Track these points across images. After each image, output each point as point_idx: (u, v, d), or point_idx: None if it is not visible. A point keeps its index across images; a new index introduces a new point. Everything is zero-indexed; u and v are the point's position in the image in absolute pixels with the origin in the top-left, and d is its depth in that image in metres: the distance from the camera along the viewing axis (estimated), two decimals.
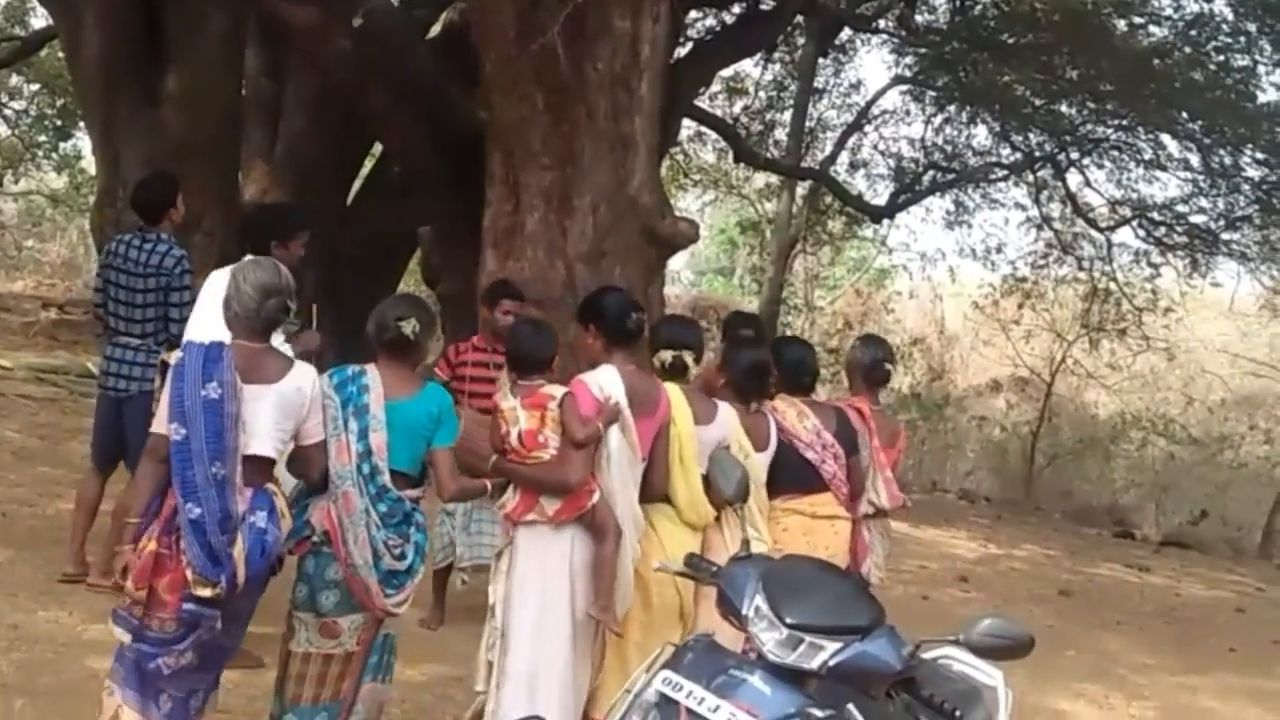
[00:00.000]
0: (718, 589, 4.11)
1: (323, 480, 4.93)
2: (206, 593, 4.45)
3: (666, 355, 5.82)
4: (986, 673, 4.20)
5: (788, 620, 3.75)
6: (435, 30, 15.74)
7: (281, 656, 5.05)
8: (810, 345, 7.31)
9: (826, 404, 6.62)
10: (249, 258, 5.20)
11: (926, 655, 3.88)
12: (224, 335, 4.99)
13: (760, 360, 6.20)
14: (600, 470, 5.42)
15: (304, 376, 4.80)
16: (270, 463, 4.74)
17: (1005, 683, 4.23)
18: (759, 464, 5.94)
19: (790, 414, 6.28)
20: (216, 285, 6.26)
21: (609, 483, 5.42)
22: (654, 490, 5.61)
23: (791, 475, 6.15)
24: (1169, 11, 15.74)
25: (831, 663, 3.67)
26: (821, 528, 6.22)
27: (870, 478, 6.62)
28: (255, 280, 4.78)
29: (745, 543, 4.38)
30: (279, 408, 4.71)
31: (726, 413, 5.85)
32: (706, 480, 5.55)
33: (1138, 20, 15.33)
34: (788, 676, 3.69)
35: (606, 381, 5.48)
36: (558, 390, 5.44)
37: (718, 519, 5.77)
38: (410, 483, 5.06)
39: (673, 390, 5.70)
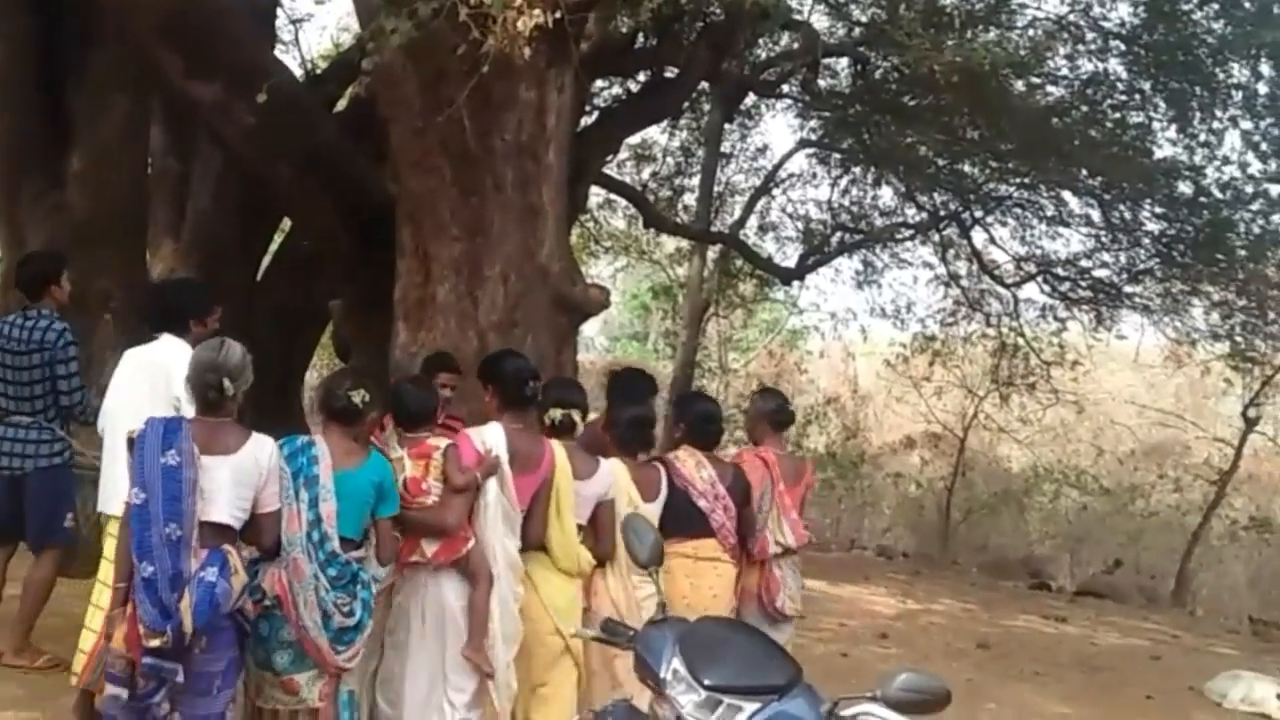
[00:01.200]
0: (635, 653, 4.12)
1: (274, 547, 5.23)
2: (155, 643, 4.74)
3: (556, 413, 6.30)
4: None
5: (705, 682, 3.77)
6: (341, 104, 15.73)
7: (250, 714, 5.42)
8: (716, 401, 7.79)
9: (723, 460, 7.10)
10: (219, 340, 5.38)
11: (845, 713, 3.90)
12: (145, 411, 5.47)
13: (641, 414, 6.79)
14: (477, 518, 5.86)
15: (261, 449, 5.12)
16: (229, 529, 5.03)
17: None
18: (649, 513, 6.34)
19: (690, 463, 6.82)
20: (133, 363, 6.33)
21: (484, 531, 5.86)
22: (530, 540, 6.06)
23: (681, 521, 6.63)
24: (1065, 72, 16.01)
25: None
26: (704, 569, 6.70)
27: (775, 520, 7.08)
28: (199, 359, 5.18)
29: (662, 605, 4.40)
30: (236, 477, 5.02)
31: (609, 468, 6.34)
32: (584, 531, 6.17)
33: (1035, 81, 15.56)
34: None
35: (491, 437, 5.98)
36: (442, 442, 5.87)
37: (599, 567, 6.28)
38: (353, 546, 5.44)
39: (556, 447, 6.17)
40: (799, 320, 27.49)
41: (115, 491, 6.34)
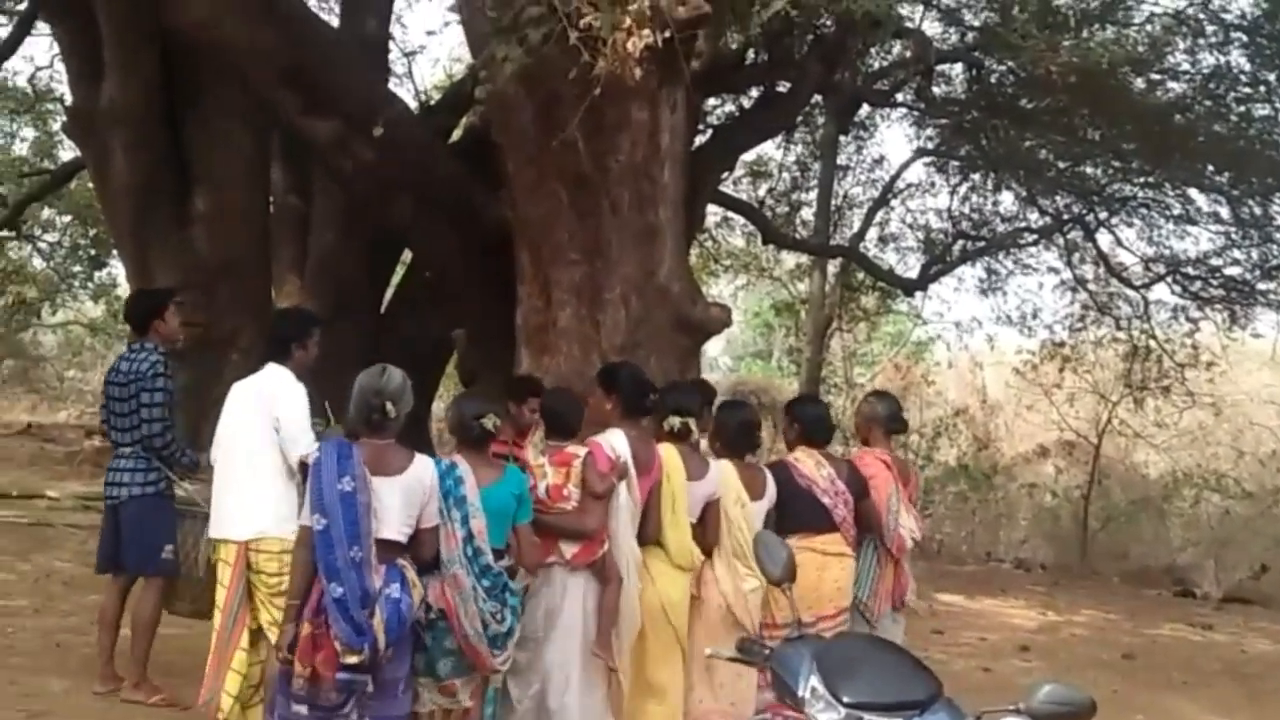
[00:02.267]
0: (771, 672, 4.06)
1: (433, 561, 5.62)
2: (353, 660, 5.11)
3: (675, 421, 6.73)
4: None
5: (845, 700, 3.70)
6: (456, 134, 15.87)
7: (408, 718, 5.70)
8: (825, 403, 7.92)
9: (838, 457, 7.51)
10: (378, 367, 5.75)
11: None
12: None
13: (748, 418, 7.25)
14: (611, 520, 6.28)
15: (424, 469, 5.53)
16: (399, 545, 5.44)
17: None
18: (755, 512, 6.86)
19: (809, 463, 7.19)
20: (240, 393, 6.50)
21: (617, 532, 6.30)
22: (646, 536, 6.51)
23: (806, 517, 7.02)
24: (1185, 66, 15.68)
25: None
26: (830, 563, 7.06)
27: (907, 518, 7.46)
28: (361, 385, 5.55)
29: (798, 622, 4.35)
30: (404, 497, 5.42)
31: (717, 470, 6.77)
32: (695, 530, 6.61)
33: (1155, 77, 15.27)
34: None
35: (617, 444, 6.38)
36: (580, 450, 6.30)
37: (706, 559, 6.72)
38: (499, 554, 5.84)
39: (670, 451, 6.65)
40: (924, 331, 27.27)
41: (219, 519, 6.47)
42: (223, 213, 13.20)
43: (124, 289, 21.49)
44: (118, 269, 23.59)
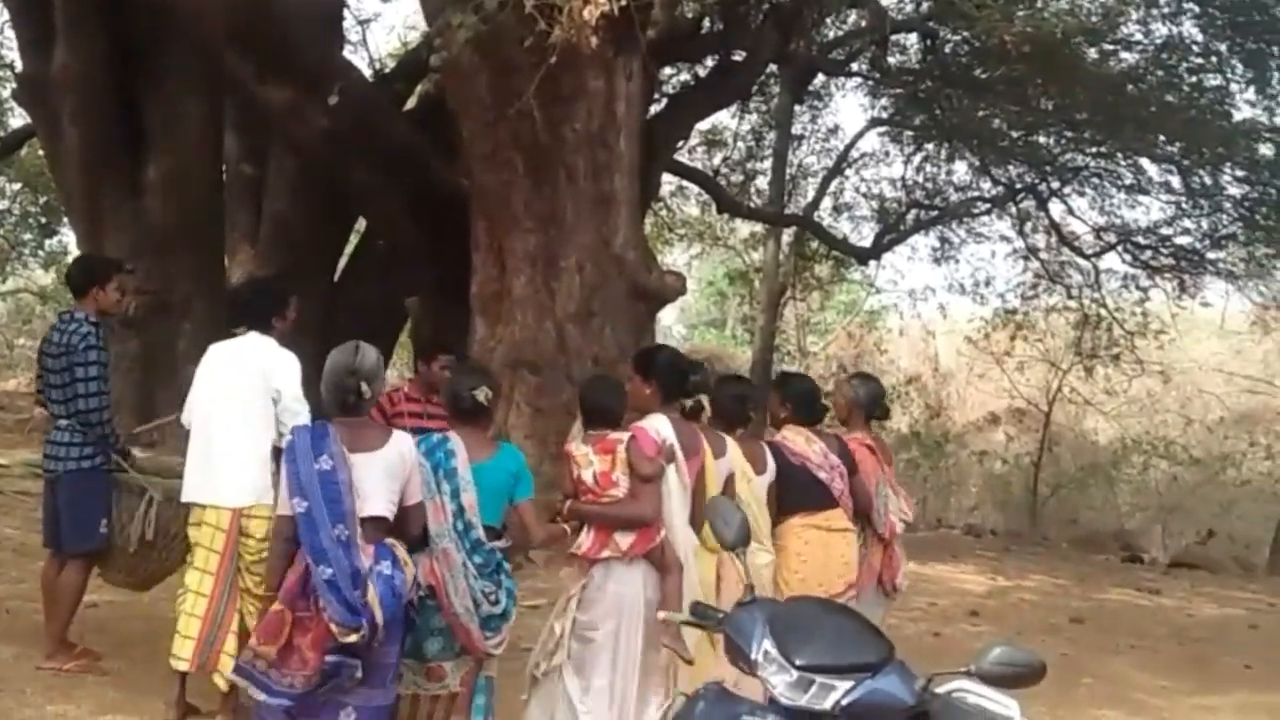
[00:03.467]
0: (725, 635, 4.09)
1: (422, 538, 5.40)
2: (353, 638, 4.89)
3: (688, 401, 6.47)
4: (1002, 704, 4.13)
5: (797, 662, 3.73)
6: (411, 102, 15.81)
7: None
8: (813, 379, 7.93)
9: (825, 432, 7.17)
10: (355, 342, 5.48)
11: (939, 689, 3.85)
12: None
13: (742, 392, 6.96)
14: (663, 506, 5.95)
15: (403, 443, 5.29)
16: (385, 521, 5.20)
17: (1021, 713, 4.18)
18: (760, 485, 6.63)
19: (799, 440, 6.92)
20: (219, 358, 6.46)
21: (671, 519, 5.98)
22: (694, 521, 6.14)
23: (806, 494, 6.77)
24: (1139, 37, 15.80)
25: (844, 702, 3.65)
26: (835, 539, 6.83)
27: (892, 500, 7.31)
28: (334, 364, 5.27)
29: (749, 587, 4.37)
30: (385, 471, 5.18)
31: (732, 445, 6.48)
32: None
33: (1109, 47, 15.36)
34: (802, 719, 3.68)
35: (661, 427, 6.04)
36: (624, 435, 5.93)
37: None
38: (495, 534, 5.62)
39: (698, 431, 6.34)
40: (877, 300, 27.38)
41: (203, 484, 6.44)
42: (175, 180, 13.11)
43: (73, 258, 21.36)
44: (69, 237, 23.47)
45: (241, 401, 6.38)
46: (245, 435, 6.36)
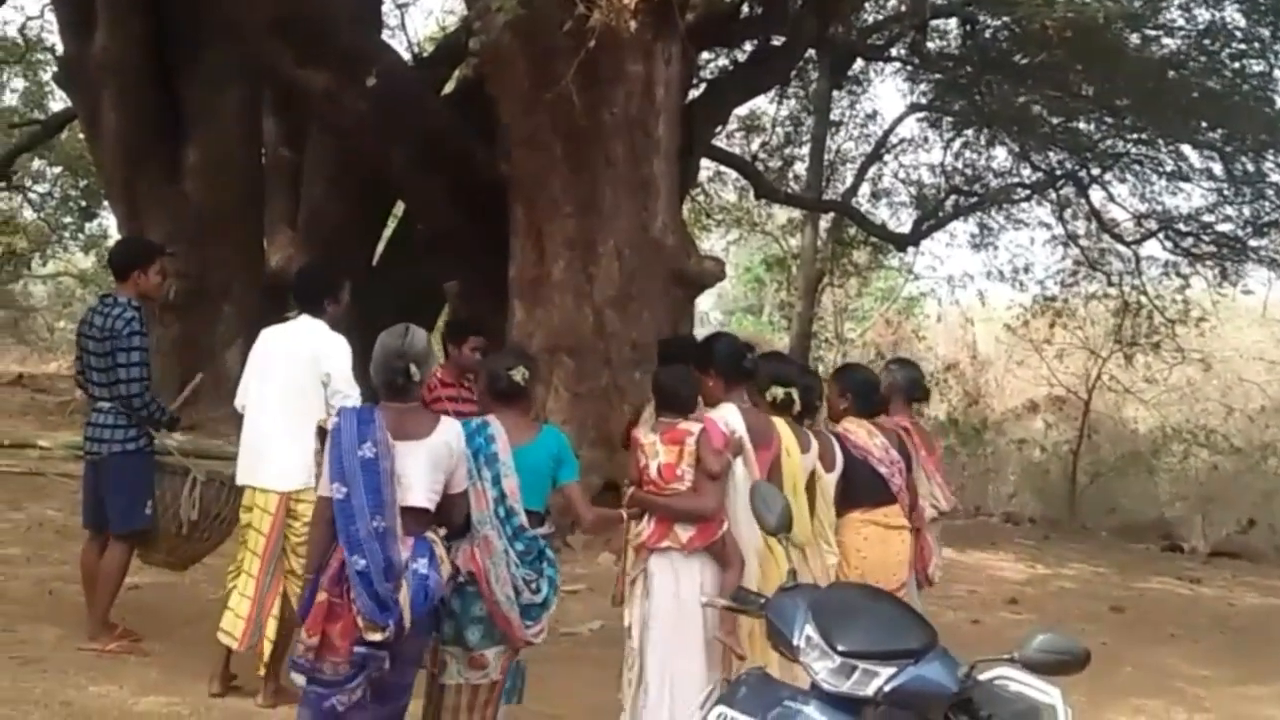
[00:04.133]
0: (767, 621, 4.08)
1: (464, 525, 5.33)
2: (377, 637, 4.84)
3: (778, 392, 6.31)
4: (1044, 691, 4.11)
5: (839, 648, 3.71)
6: (450, 87, 15.82)
7: (431, 691, 5.49)
8: (873, 370, 7.79)
9: (885, 425, 7.08)
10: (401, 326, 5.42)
11: (982, 676, 3.83)
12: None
13: (810, 384, 6.68)
14: (729, 501, 5.86)
15: (451, 431, 5.19)
16: (427, 513, 5.11)
17: (1064, 700, 4.16)
18: (829, 483, 6.52)
19: (861, 433, 6.84)
20: (272, 342, 6.50)
21: (735, 511, 5.84)
22: None
23: (866, 489, 6.69)
24: (1181, 22, 15.70)
25: (887, 688, 3.63)
26: (893, 537, 6.79)
27: (928, 486, 7.30)
28: (384, 347, 5.18)
29: (792, 573, 4.35)
30: (430, 461, 5.08)
31: (814, 441, 6.40)
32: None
33: (1150, 33, 15.26)
34: (843, 705, 3.66)
35: (731, 418, 5.95)
36: (694, 427, 5.85)
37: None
38: (537, 519, 5.50)
39: (780, 424, 6.21)
40: (915, 287, 27.27)
41: (255, 467, 6.50)
42: (214, 165, 13.19)
43: (115, 240, 21.47)
44: (109, 220, 23.62)
45: (292, 385, 6.42)
46: (295, 418, 6.38)
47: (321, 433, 5.34)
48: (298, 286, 7.04)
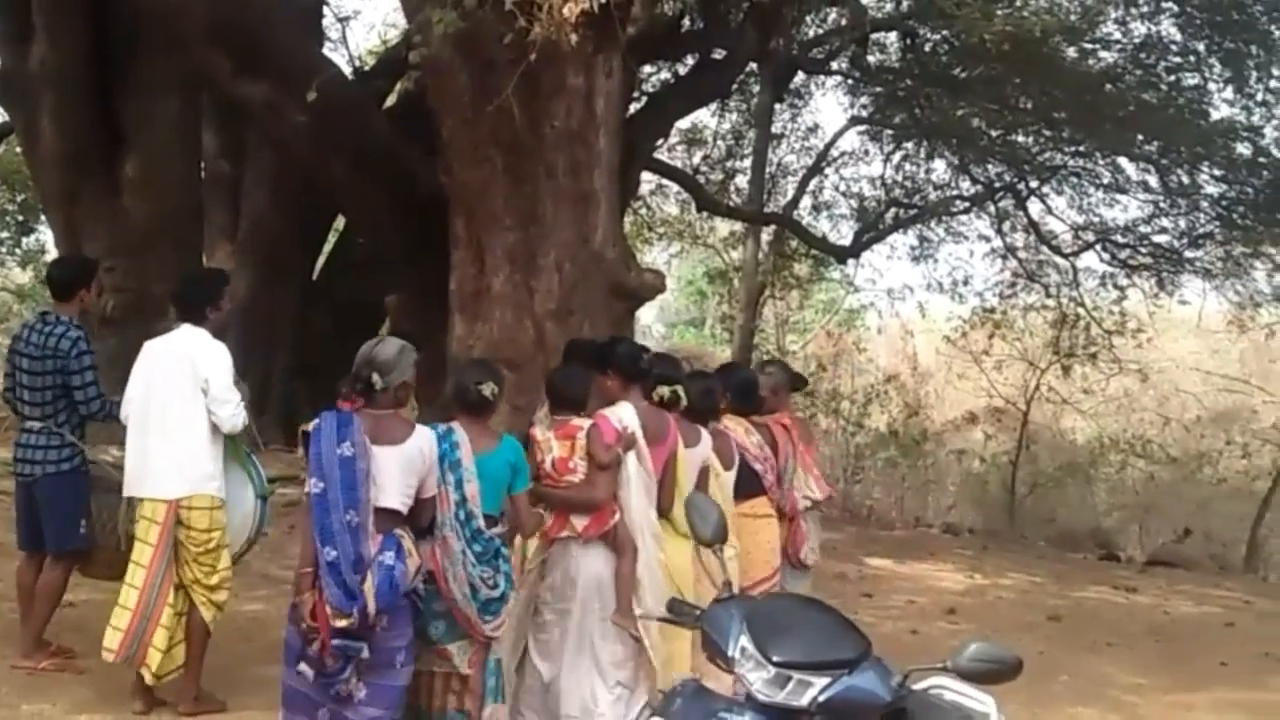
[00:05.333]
0: (702, 632, 4.10)
1: (428, 527, 5.64)
2: (343, 623, 5.17)
3: (664, 390, 6.71)
4: (978, 699, 4.16)
5: (774, 658, 3.74)
6: (391, 99, 15.79)
7: (414, 679, 5.68)
8: (752, 370, 8.41)
9: (758, 421, 7.59)
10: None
11: (916, 685, 3.88)
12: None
13: (711, 385, 7.22)
14: (622, 491, 6.27)
15: (425, 439, 5.53)
16: (399, 515, 5.44)
17: (998, 709, 4.20)
18: (728, 481, 7.02)
19: (739, 431, 7.33)
20: (153, 352, 6.52)
21: (629, 503, 6.27)
22: (662, 507, 6.50)
23: (741, 484, 7.14)
24: (1118, 36, 15.87)
25: (821, 698, 3.67)
26: (762, 525, 7.32)
27: (802, 478, 7.77)
28: (359, 354, 5.57)
29: (727, 584, 4.38)
30: (404, 466, 5.43)
31: (706, 437, 6.81)
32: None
33: (1087, 46, 15.41)
34: (779, 716, 3.69)
35: (625, 415, 6.35)
36: (585, 423, 6.27)
37: None
38: (492, 522, 5.84)
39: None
40: (856, 299, 27.35)
41: (141, 478, 6.52)
42: (153, 178, 13.08)
43: (52, 255, 21.21)
44: (46, 235, 23.37)
45: (174, 393, 6.47)
46: (178, 427, 6.46)
47: (304, 435, 5.50)
48: (178, 295, 7.08)
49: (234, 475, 6.73)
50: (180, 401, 6.46)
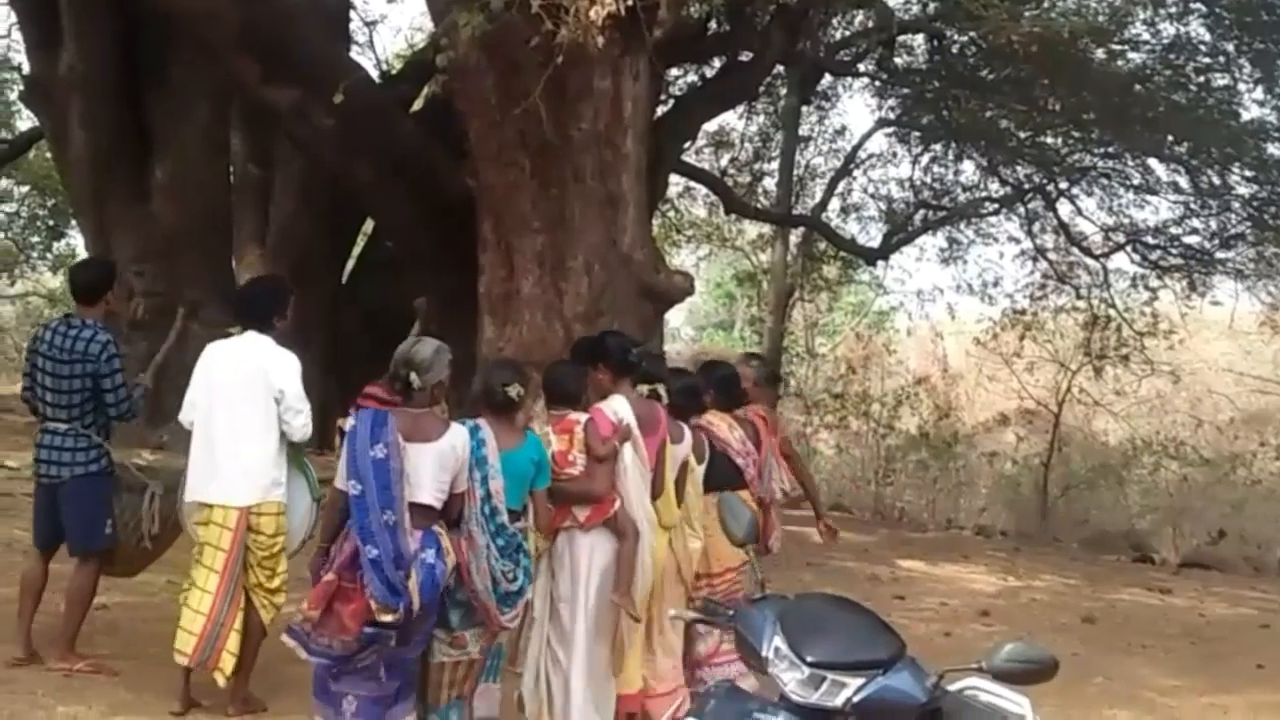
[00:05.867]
0: (735, 633, 4.08)
1: (456, 520, 5.77)
2: (389, 618, 5.39)
3: (643, 389, 6.77)
4: (1014, 701, 4.12)
5: (808, 659, 3.72)
6: (418, 103, 15.80)
7: (421, 670, 5.89)
8: (733, 366, 8.23)
9: (740, 416, 7.69)
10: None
11: (951, 686, 3.84)
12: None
13: (692, 384, 7.33)
14: (620, 480, 6.40)
15: (458, 437, 5.70)
16: (434, 510, 5.64)
17: (1033, 710, 4.16)
18: (700, 474, 7.13)
19: (722, 426, 7.45)
20: (219, 357, 6.52)
21: (628, 492, 6.41)
22: (654, 494, 6.63)
23: (722, 477, 7.19)
24: (1146, 37, 15.78)
25: (856, 699, 3.64)
26: None
27: (775, 470, 7.87)
28: (397, 353, 5.76)
29: (761, 584, 4.35)
30: (438, 463, 5.61)
31: (689, 435, 6.96)
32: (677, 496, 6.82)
33: (1116, 47, 15.31)
34: (813, 716, 3.66)
35: (619, 408, 6.47)
36: (582, 417, 6.40)
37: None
38: (515, 517, 5.98)
39: None
40: (885, 301, 27.34)
41: (207, 482, 6.51)
42: (183, 182, 13.14)
43: (77, 261, 21.33)
44: (76, 240, 23.47)
45: (244, 400, 6.46)
46: (249, 434, 6.44)
47: (340, 433, 5.71)
48: (244, 302, 7.10)
49: (292, 479, 6.74)
50: (251, 409, 6.46)
